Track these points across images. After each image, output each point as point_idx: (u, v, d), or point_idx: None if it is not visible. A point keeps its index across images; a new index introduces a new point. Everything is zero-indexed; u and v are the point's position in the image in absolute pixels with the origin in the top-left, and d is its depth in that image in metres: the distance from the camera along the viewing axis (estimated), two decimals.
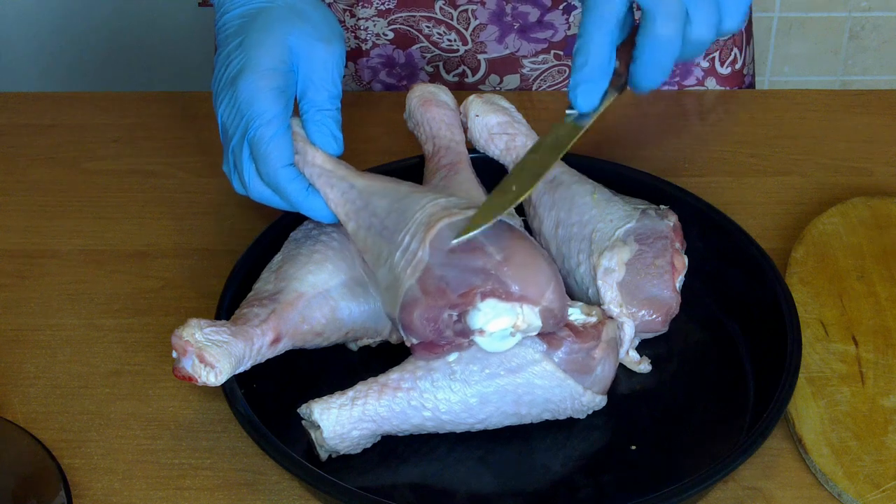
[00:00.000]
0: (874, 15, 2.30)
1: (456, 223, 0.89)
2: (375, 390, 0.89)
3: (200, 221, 1.12)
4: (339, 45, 0.97)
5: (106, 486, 0.91)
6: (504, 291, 0.87)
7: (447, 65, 1.26)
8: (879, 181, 1.16)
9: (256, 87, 0.94)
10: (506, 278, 0.87)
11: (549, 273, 0.89)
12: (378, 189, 0.95)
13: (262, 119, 0.93)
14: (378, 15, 1.23)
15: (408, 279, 0.88)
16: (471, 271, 0.87)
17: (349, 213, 0.94)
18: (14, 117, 1.23)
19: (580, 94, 0.90)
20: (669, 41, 0.89)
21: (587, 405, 0.92)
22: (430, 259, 0.88)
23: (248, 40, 0.96)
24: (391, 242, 0.91)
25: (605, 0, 0.89)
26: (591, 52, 0.89)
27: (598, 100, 0.91)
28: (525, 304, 0.87)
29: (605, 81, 0.91)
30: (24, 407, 0.96)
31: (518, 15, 1.22)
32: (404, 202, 0.92)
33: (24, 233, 1.11)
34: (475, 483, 0.90)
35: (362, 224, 0.94)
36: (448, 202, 0.92)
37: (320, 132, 0.96)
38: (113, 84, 2.17)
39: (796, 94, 1.26)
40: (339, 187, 0.95)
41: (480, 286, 0.86)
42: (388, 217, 0.92)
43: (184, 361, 0.87)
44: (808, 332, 0.99)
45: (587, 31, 0.89)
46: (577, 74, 0.90)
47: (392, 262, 0.90)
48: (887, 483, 0.89)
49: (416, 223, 0.90)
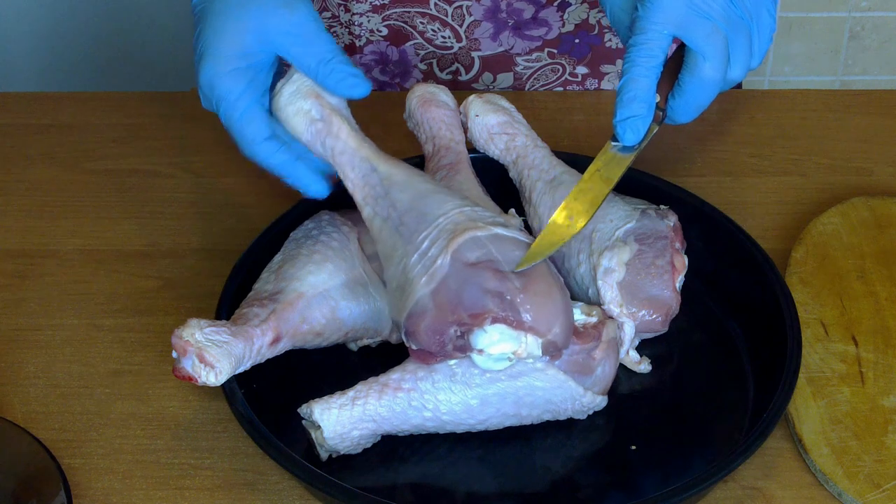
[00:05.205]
0: (874, 15, 2.29)
1: (481, 238, 0.88)
2: (376, 390, 0.89)
3: (200, 221, 1.12)
4: (304, 5, 0.94)
5: (106, 486, 0.91)
6: (515, 320, 0.86)
7: (441, 62, 1.26)
8: (879, 181, 1.16)
9: (214, 72, 0.93)
10: (520, 307, 0.86)
11: (561, 307, 0.88)
12: (401, 180, 0.93)
13: (228, 101, 0.93)
14: (372, 10, 1.23)
15: (422, 287, 0.87)
16: (487, 293, 0.86)
17: (367, 197, 0.93)
18: (14, 117, 1.23)
19: (628, 128, 0.90)
20: (715, 83, 0.90)
21: (588, 406, 0.92)
22: (449, 270, 0.87)
23: (206, 28, 0.95)
24: (408, 242, 0.90)
25: (655, 35, 0.89)
26: (640, 87, 0.90)
27: (643, 134, 0.91)
28: (531, 335, 0.87)
29: (650, 116, 0.91)
30: (24, 407, 0.96)
31: (513, 11, 1.22)
32: (427, 202, 0.91)
33: (24, 233, 1.11)
34: (475, 483, 0.90)
35: (379, 213, 0.92)
36: (473, 212, 0.90)
37: (336, 79, 0.94)
38: (113, 84, 2.17)
39: (796, 94, 1.26)
40: (361, 169, 0.93)
41: (493, 311, 0.86)
42: (407, 213, 0.91)
43: (184, 361, 0.87)
44: (808, 332, 0.99)
45: (636, 66, 0.89)
46: (624, 109, 0.90)
47: (406, 264, 0.89)
48: (887, 483, 0.89)
49: (438, 229, 0.89)
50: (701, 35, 0.89)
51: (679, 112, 0.92)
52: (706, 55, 0.89)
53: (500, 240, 0.89)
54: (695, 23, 0.89)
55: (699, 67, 0.90)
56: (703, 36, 0.89)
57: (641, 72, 0.89)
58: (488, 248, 0.88)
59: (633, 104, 0.90)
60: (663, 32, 0.89)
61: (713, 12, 0.89)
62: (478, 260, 0.87)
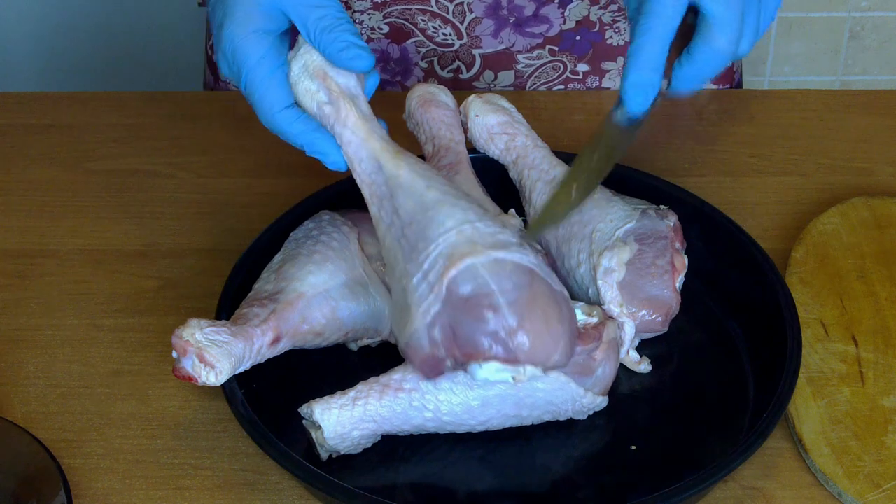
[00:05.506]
0: (874, 15, 2.29)
1: (477, 267, 0.85)
2: (377, 390, 0.89)
3: (200, 221, 1.12)
4: None
5: (106, 486, 0.91)
6: (510, 359, 0.85)
7: (442, 60, 1.26)
8: (879, 181, 1.16)
9: (234, 34, 0.89)
10: (516, 346, 0.84)
11: (560, 334, 0.85)
12: (406, 182, 0.89)
13: (248, 66, 0.89)
14: (374, 8, 1.23)
15: (418, 319, 0.85)
16: (482, 332, 0.84)
17: (373, 195, 0.90)
18: (14, 117, 1.23)
19: (639, 92, 0.87)
20: (727, 54, 0.87)
21: (588, 406, 0.92)
22: (442, 305, 0.84)
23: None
24: (408, 259, 0.87)
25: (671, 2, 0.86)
26: (653, 52, 0.86)
27: (651, 100, 0.88)
28: (529, 366, 0.85)
29: (659, 84, 0.88)
30: (24, 407, 0.96)
31: (514, 8, 1.22)
32: (430, 214, 0.87)
33: (24, 233, 1.11)
34: (475, 483, 0.90)
35: (383, 217, 0.89)
36: (474, 232, 0.86)
37: (337, 48, 0.89)
38: (113, 84, 2.17)
39: (796, 94, 1.26)
40: (367, 165, 0.90)
41: (488, 352, 0.84)
42: (409, 225, 0.88)
43: (184, 361, 0.87)
44: (808, 332, 0.99)
45: (649, 31, 0.86)
46: (636, 73, 0.87)
47: (407, 286, 0.86)
48: (887, 483, 0.89)
49: (438, 249, 0.86)
50: (719, 3, 0.86)
51: (685, 80, 0.89)
52: (722, 25, 0.86)
53: (498, 266, 0.85)
54: None
55: (714, 37, 0.86)
56: (721, 5, 0.86)
57: (655, 37, 0.86)
58: (484, 279, 0.85)
59: (645, 69, 0.87)
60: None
61: None
62: (473, 293, 0.84)
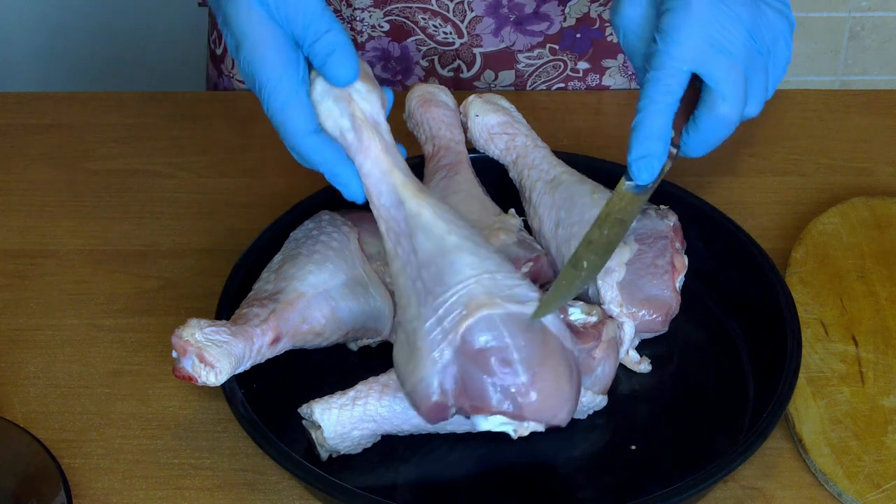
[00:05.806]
0: (874, 15, 2.29)
1: (494, 319, 0.84)
2: (377, 390, 0.89)
3: (200, 221, 1.12)
4: None
5: (106, 486, 0.91)
6: (517, 415, 0.85)
7: (442, 59, 1.26)
8: (879, 181, 1.16)
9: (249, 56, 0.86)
10: (524, 405, 0.84)
11: (567, 395, 0.85)
12: (428, 223, 0.86)
13: (268, 87, 0.86)
14: (374, 5, 1.23)
15: (428, 365, 0.84)
16: (493, 386, 0.84)
17: (390, 230, 0.87)
18: (14, 117, 1.23)
19: (644, 167, 0.87)
20: (731, 122, 0.87)
21: (587, 405, 0.92)
22: (455, 354, 0.84)
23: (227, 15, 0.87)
24: (423, 303, 0.85)
25: (673, 72, 0.85)
26: (656, 125, 0.86)
27: (658, 172, 0.87)
28: (532, 422, 0.85)
29: (665, 154, 0.87)
30: (24, 407, 0.96)
31: (514, 6, 1.22)
32: (449, 259, 0.86)
33: (24, 233, 1.11)
34: (475, 483, 0.90)
35: (399, 254, 0.87)
36: (493, 283, 0.85)
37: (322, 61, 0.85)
38: (113, 84, 2.17)
39: (796, 94, 1.26)
40: (387, 199, 0.87)
41: (496, 407, 0.84)
42: (426, 267, 0.86)
43: (184, 361, 0.87)
44: (808, 332, 0.99)
45: (652, 103, 0.86)
46: (640, 147, 0.86)
47: (419, 329, 0.85)
48: (887, 483, 0.89)
49: (455, 297, 0.85)
50: (720, 73, 0.85)
51: (693, 148, 0.89)
52: (724, 94, 0.85)
53: (514, 320, 0.85)
54: (714, 60, 0.85)
55: (716, 105, 0.86)
56: (722, 74, 0.85)
57: (658, 109, 0.86)
58: (500, 332, 0.84)
59: (649, 142, 0.86)
60: (682, 69, 0.85)
61: (733, 48, 0.85)
62: (486, 345, 0.84)
